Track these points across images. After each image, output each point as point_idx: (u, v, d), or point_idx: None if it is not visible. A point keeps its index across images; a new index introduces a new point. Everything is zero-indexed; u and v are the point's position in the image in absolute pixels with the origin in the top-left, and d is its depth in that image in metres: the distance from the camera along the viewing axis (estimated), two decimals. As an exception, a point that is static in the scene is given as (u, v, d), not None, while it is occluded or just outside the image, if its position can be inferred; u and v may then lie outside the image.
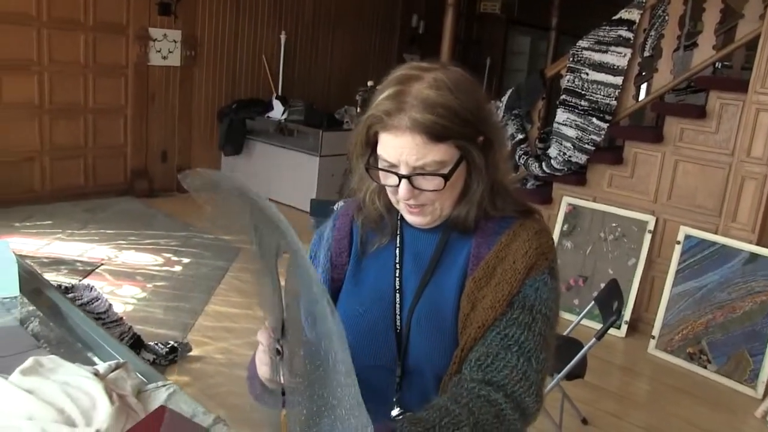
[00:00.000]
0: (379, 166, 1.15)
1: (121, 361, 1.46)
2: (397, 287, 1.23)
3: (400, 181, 1.13)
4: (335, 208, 1.40)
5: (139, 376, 1.49)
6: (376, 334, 1.22)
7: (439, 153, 1.11)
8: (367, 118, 1.14)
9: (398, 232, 1.27)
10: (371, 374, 1.21)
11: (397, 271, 1.24)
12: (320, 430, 0.87)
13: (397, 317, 1.22)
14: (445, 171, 1.12)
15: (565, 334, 3.19)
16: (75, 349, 1.69)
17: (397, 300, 1.23)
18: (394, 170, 1.13)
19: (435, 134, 1.09)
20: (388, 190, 1.19)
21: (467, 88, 1.14)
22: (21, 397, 1.19)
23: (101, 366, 1.37)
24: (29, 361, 1.31)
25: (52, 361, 1.34)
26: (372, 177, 1.19)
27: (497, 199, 1.21)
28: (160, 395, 1.43)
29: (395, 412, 1.20)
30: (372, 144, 1.17)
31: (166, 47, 6.52)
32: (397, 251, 1.26)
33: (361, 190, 1.27)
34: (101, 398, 1.22)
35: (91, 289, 3.69)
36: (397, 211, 1.24)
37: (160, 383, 1.50)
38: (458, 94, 1.11)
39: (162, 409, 1.31)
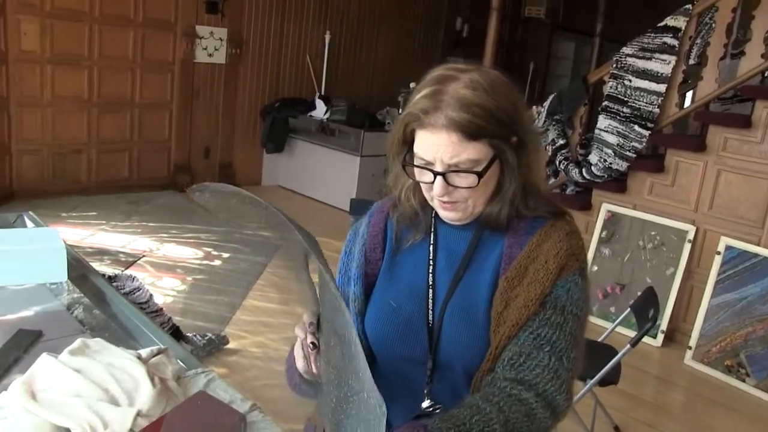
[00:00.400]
0: (415, 163, 1.18)
1: (163, 347, 1.51)
2: (431, 283, 1.26)
3: (435, 178, 1.16)
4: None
5: (180, 362, 1.54)
6: (409, 328, 1.25)
7: (474, 151, 1.14)
8: (405, 116, 1.18)
9: (432, 229, 1.29)
10: (403, 367, 1.26)
11: (431, 267, 1.27)
12: (348, 413, 0.92)
13: (430, 312, 1.25)
14: (479, 169, 1.15)
15: (599, 340, 3.18)
16: (118, 336, 1.73)
17: (430, 295, 1.26)
18: (429, 167, 1.16)
19: (470, 133, 1.12)
20: (423, 187, 1.22)
21: (503, 89, 1.17)
22: (69, 375, 1.25)
23: (144, 351, 1.43)
24: (77, 343, 1.37)
25: (98, 344, 1.40)
26: (408, 174, 1.22)
27: (529, 198, 1.23)
28: (199, 381, 1.48)
29: (426, 404, 1.23)
30: (409, 142, 1.20)
31: (212, 45, 6.63)
32: (431, 248, 1.29)
33: (397, 188, 1.30)
34: (144, 380, 1.27)
35: (133, 279, 3.79)
36: (432, 209, 1.27)
37: (199, 370, 1.55)
38: (494, 95, 1.14)
39: (201, 393, 1.35)
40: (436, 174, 1.15)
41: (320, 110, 7.09)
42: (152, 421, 1.20)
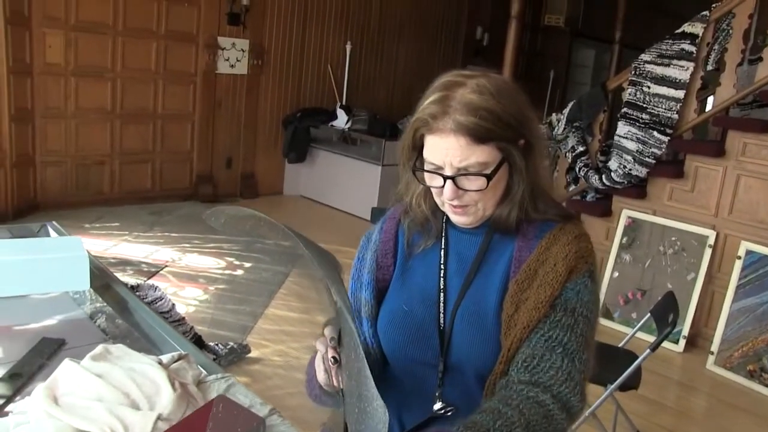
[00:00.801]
0: (426, 168, 1.21)
1: (184, 353, 1.55)
2: (442, 287, 1.28)
3: (445, 182, 1.18)
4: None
5: (200, 368, 1.57)
6: (420, 332, 1.27)
7: (482, 154, 1.16)
8: (414, 122, 1.21)
9: (443, 234, 1.32)
10: (415, 369, 1.28)
11: (442, 271, 1.29)
12: (367, 420, 0.96)
13: (441, 316, 1.27)
14: (488, 172, 1.17)
15: (620, 346, 3.18)
16: (140, 344, 1.74)
17: (441, 299, 1.28)
18: (439, 172, 1.18)
19: (478, 136, 1.15)
20: (434, 192, 1.24)
21: (509, 93, 1.20)
22: (91, 380, 1.28)
23: (165, 356, 1.46)
24: (99, 348, 1.41)
25: (119, 349, 1.43)
26: (418, 179, 1.25)
27: (538, 202, 1.25)
28: (219, 386, 1.51)
29: (437, 406, 1.25)
30: (419, 148, 1.23)
31: (234, 56, 6.71)
32: (442, 252, 1.31)
33: (408, 194, 1.33)
34: (164, 385, 1.30)
35: (156, 289, 3.80)
36: (443, 214, 1.30)
37: (219, 375, 1.58)
38: (500, 99, 1.17)
39: (221, 398, 1.38)
40: (446, 178, 1.18)
41: (341, 120, 7.13)
42: (172, 425, 1.23)
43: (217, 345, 3.60)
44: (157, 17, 6.20)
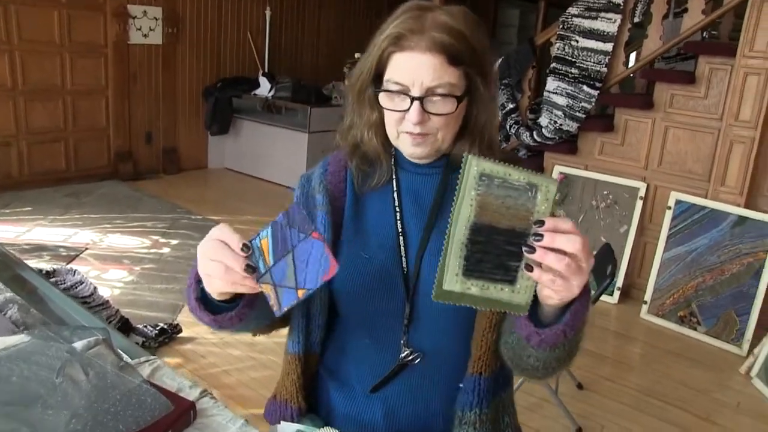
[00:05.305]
0: (390, 88, 1.13)
1: (101, 337, 1.40)
2: (400, 230, 1.22)
3: (411, 105, 1.11)
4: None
5: (120, 352, 1.43)
6: (383, 279, 1.20)
7: (453, 77, 1.11)
8: (383, 39, 1.13)
9: (394, 176, 1.25)
10: (377, 319, 1.22)
11: (398, 214, 1.23)
12: None
13: (403, 260, 1.20)
14: (458, 94, 1.12)
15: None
16: (56, 332, 1.62)
17: (401, 243, 1.21)
18: (406, 92, 1.11)
19: (453, 56, 1.10)
20: (392, 120, 1.16)
21: (477, 24, 1.16)
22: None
23: (79, 343, 1.31)
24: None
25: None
26: (379, 104, 1.16)
27: (492, 144, 1.21)
28: (143, 370, 1.38)
29: (404, 353, 1.20)
30: (382, 70, 1.15)
31: (146, 25, 6.38)
32: (395, 194, 1.24)
33: (359, 126, 1.24)
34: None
35: (75, 273, 3.62)
36: (392, 154, 1.24)
37: (143, 358, 1.45)
38: (471, 27, 1.14)
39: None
40: (413, 99, 1.10)
41: (264, 88, 6.96)
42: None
43: (146, 327, 3.47)
44: (56, -17, 5.77)
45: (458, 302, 0.93)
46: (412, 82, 1.10)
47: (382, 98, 1.14)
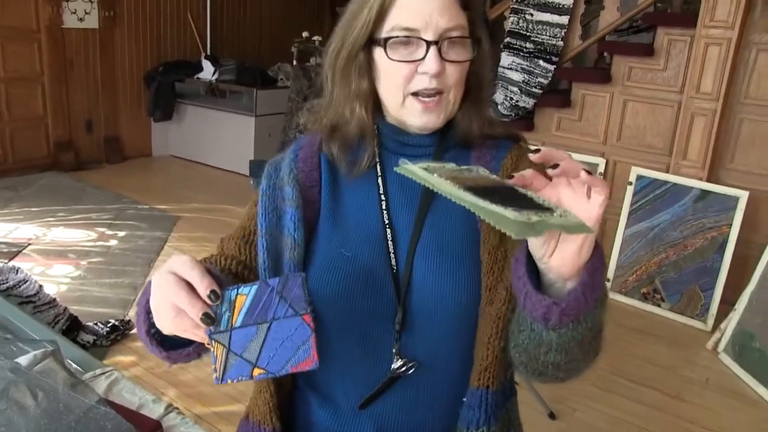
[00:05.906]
0: (397, 35, 0.99)
1: (50, 348, 1.24)
2: (387, 222, 1.07)
3: (427, 52, 0.98)
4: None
5: (73, 364, 1.28)
6: (369, 279, 1.04)
7: (464, 20, 1.00)
8: None
9: (378, 160, 1.10)
10: (363, 325, 1.05)
11: (383, 203, 1.08)
12: None
13: (392, 256, 1.05)
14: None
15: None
16: (-3, 340, 1.46)
17: (388, 236, 1.06)
18: (419, 35, 0.98)
19: None
20: (398, 80, 1.01)
21: None
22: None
23: (24, 358, 1.15)
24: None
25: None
26: (371, 69, 1.03)
27: (494, 121, 1.10)
28: (99, 385, 1.23)
29: (397, 364, 1.04)
30: (383, 17, 1.01)
31: (81, 8, 6.08)
32: (380, 180, 1.09)
33: (341, 103, 1.08)
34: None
35: (18, 270, 3.43)
36: (375, 135, 1.09)
37: (98, 371, 1.30)
38: None
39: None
40: (429, 44, 0.97)
41: (208, 71, 6.75)
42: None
43: (96, 324, 3.33)
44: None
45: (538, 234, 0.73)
46: (424, 25, 0.97)
47: (388, 53, 1.00)
